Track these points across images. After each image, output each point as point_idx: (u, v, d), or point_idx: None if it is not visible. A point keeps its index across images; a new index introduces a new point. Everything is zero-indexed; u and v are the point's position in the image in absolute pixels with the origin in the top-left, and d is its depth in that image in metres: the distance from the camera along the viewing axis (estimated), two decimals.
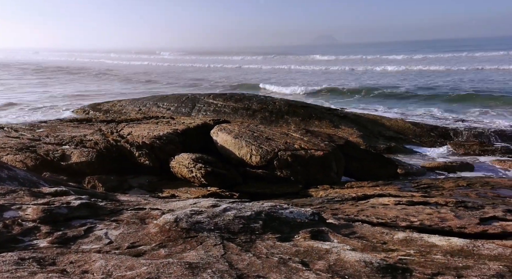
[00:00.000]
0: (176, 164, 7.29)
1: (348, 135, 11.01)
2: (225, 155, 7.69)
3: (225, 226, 2.76)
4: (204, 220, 2.84)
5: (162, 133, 7.99)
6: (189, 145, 8.03)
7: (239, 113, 13.40)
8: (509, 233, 3.45)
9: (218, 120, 9.49)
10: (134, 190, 6.83)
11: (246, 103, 13.72)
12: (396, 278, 1.91)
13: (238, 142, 7.48)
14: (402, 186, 6.56)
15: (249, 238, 2.59)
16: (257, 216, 2.98)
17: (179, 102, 14.87)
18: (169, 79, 35.52)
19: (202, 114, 13.75)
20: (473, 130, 11.46)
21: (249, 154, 7.24)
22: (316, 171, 7.05)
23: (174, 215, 2.90)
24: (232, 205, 3.28)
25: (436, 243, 2.41)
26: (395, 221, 3.86)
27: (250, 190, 6.87)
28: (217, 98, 14.51)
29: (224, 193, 6.52)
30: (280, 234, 2.69)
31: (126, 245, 2.47)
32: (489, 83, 23.41)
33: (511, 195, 5.51)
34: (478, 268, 1.96)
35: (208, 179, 6.90)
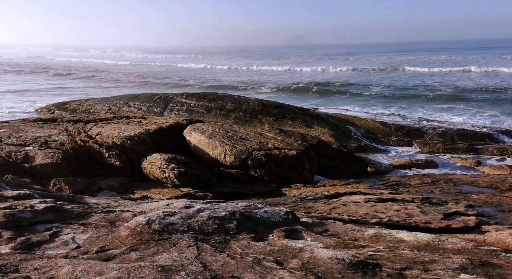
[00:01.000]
0: (148, 165, 7.12)
1: (320, 135, 11.22)
2: (199, 155, 7.61)
3: (199, 227, 2.72)
4: (177, 222, 2.79)
5: (133, 134, 7.78)
6: (162, 145, 7.87)
7: (213, 113, 13.30)
8: (470, 227, 3.65)
9: (192, 120, 9.37)
10: (103, 192, 6.60)
11: (220, 103, 13.64)
12: (367, 273, 1.97)
13: (212, 141, 7.43)
14: (372, 183, 6.77)
15: (224, 238, 2.57)
16: (231, 216, 2.97)
17: (151, 101, 14.54)
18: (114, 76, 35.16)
19: (175, 114, 13.52)
20: (437, 129, 12.03)
21: (223, 154, 7.20)
22: (289, 170, 7.13)
23: (146, 217, 2.83)
24: (206, 205, 3.25)
25: (404, 239, 2.51)
26: (365, 218, 3.98)
27: (224, 190, 6.84)
28: (190, 98, 14.33)
29: (198, 193, 6.45)
30: (254, 234, 2.69)
31: (95, 249, 2.38)
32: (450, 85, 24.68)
33: (472, 191, 5.84)
34: (443, 262, 2.06)
35: (181, 179, 6.80)
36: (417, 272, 1.95)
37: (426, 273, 1.94)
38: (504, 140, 11.37)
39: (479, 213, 4.21)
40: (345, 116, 13.84)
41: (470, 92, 21.00)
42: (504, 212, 4.31)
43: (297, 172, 7.19)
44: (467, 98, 19.15)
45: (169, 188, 6.83)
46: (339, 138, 11.25)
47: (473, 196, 5.47)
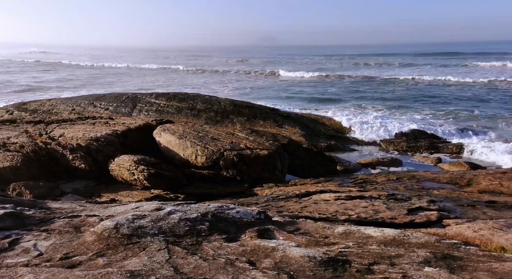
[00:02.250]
0: (116, 167, 6.89)
1: (291, 135, 11.37)
2: (169, 156, 7.46)
3: (170, 230, 2.67)
4: (147, 225, 2.72)
5: (100, 135, 7.49)
6: (130, 146, 7.65)
7: (183, 113, 13.10)
8: (432, 222, 3.85)
9: (161, 121, 9.17)
10: (67, 196, 6.31)
11: (191, 103, 13.46)
12: (337, 270, 2.02)
13: (182, 142, 7.31)
14: (341, 182, 6.95)
15: (195, 240, 2.53)
16: (203, 218, 2.93)
17: (118, 101, 14.08)
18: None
19: (144, 114, 13.18)
20: (401, 129, 12.57)
21: (195, 155, 7.11)
22: (261, 169, 7.17)
23: (114, 221, 2.73)
24: (177, 207, 3.19)
25: (372, 234, 2.59)
26: (335, 215, 4.08)
27: (196, 191, 6.76)
28: (159, 98, 14.02)
29: (169, 195, 6.33)
30: (227, 235, 2.68)
31: (59, 256, 2.27)
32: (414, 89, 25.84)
33: (434, 187, 6.14)
34: (408, 256, 2.15)
35: (151, 181, 6.63)
36: (384, 266, 2.02)
37: (393, 267, 2.02)
38: (462, 138, 12.08)
39: (440, 207, 4.43)
40: (315, 116, 14.12)
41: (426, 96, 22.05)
42: (463, 206, 4.58)
43: (269, 172, 7.24)
44: (421, 100, 20.07)
45: (138, 190, 6.64)
46: (309, 138, 11.45)
47: (435, 191, 5.76)
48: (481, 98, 20.12)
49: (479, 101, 19.29)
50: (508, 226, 3.42)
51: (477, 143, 11.12)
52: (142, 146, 7.89)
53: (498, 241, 2.89)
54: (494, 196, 5.47)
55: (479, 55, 55.33)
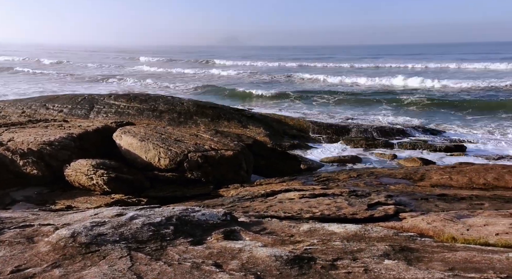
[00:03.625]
0: (72, 172, 6.53)
1: (256, 135, 11.43)
2: (131, 159, 7.20)
3: (132, 236, 2.57)
4: (107, 232, 2.60)
5: (53, 139, 7.06)
6: (88, 150, 7.28)
7: (145, 114, 12.71)
8: (390, 216, 4.04)
9: (122, 123, 8.83)
10: (19, 205, 5.87)
11: (152, 104, 13.08)
12: (303, 267, 2.05)
13: (144, 144, 7.08)
14: (305, 180, 7.10)
15: (160, 245, 2.46)
16: (167, 221, 2.86)
17: (73, 103, 13.36)
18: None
19: (102, 116, 12.61)
20: (360, 127, 13.11)
21: (157, 157, 6.92)
22: (226, 170, 7.13)
23: (71, 229, 2.59)
24: (140, 212, 3.08)
25: (335, 231, 2.68)
26: (300, 213, 4.15)
27: (160, 194, 6.58)
28: (119, 99, 13.49)
29: (131, 199, 6.10)
30: (192, 238, 2.63)
31: (9, 269, 2.11)
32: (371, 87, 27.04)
33: (391, 182, 6.47)
34: (369, 250, 2.24)
35: (111, 185, 6.36)
36: (347, 261, 2.09)
37: (355, 261, 2.10)
38: (415, 135, 12.82)
39: (396, 202, 4.67)
40: (278, 116, 14.30)
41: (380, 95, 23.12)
42: (417, 200, 4.85)
43: (234, 172, 7.22)
44: (379, 100, 21.06)
45: (97, 195, 6.35)
46: (273, 138, 11.59)
47: (391, 187, 6.06)
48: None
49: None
50: (458, 217, 3.68)
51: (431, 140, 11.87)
52: (101, 149, 7.54)
53: (449, 232, 3.10)
54: (444, 189, 5.86)
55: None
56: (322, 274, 1.99)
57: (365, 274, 1.95)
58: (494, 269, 1.95)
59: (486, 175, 6.20)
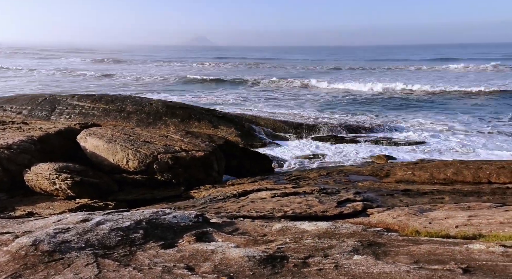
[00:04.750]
0: (33, 176, 6.18)
1: (227, 135, 11.39)
2: (97, 161, 6.93)
3: (99, 242, 2.48)
4: (72, 238, 2.49)
5: (11, 142, 6.65)
6: (50, 154, 6.92)
7: (112, 115, 12.28)
8: (358, 212, 4.17)
9: (86, 124, 8.48)
10: None
11: (119, 105, 12.67)
12: (276, 266, 2.07)
13: (112, 146, 6.84)
14: (276, 179, 7.16)
15: (129, 250, 2.39)
16: (137, 225, 2.78)
17: (33, 104, 12.66)
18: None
19: (65, 118, 12.04)
20: (329, 125, 13.45)
21: (126, 159, 6.71)
22: (198, 171, 7.04)
23: (32, 237, 2.45)
24: (107, 216, 2.97)
25: (307, 229, 2.72)
26: (272, 212, 4.19)
27: (129, 197, 6.38)
28: (83, 100, 12.94)
29: (97, 203, 5.87)
30: (163, 241, 2.57)
31: None
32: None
33: (359, 179, 6.67)
34: (339, 246, 2.30)
35: (76, 190, 6.09)
36: (318, 259, 2.14)
37: (326, 258, 2.15)
38: (381, 132, 13.33)
39: (364, 198, 4.83)
40: (250, 116, 14.33)
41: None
42: (383, 196, 5.04)
43: (205, 173, 7.14)
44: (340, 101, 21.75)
45: (61, 200, 6.05)
46: (245, 138, 11.60)
47: (359, 183, 6.26)
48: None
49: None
50: (420, 211, 3.86)
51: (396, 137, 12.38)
52: (64, 152, 7.20)
53: (413, 225, 3.25)
54: (408, 184, 6.13)
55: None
56: (294, 272, 2.02)
57: (336, 270, 2.00)
58: (455, 260, 2.06)
59: (446, 170, 6.56)
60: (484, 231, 2.96)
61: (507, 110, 17.73)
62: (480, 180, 6.22)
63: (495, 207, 3.93)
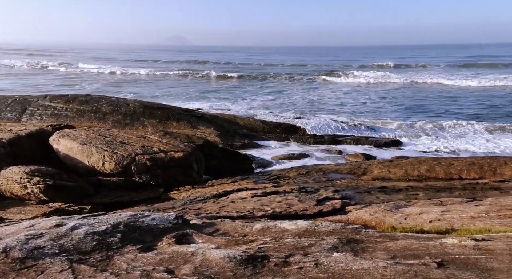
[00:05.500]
0: (3, 181, 5.91)
1: (206, 135, 11.31)
2: (71, 164, 6.71)
3: (74, 247, 2.40)
4: (45, 244, 2.40)
5: None
6: (21, 157, 6.64)
7: (86, 116, 11.92)
8: (337, 210, 4.25)
9: (59, 126, 8.20)
10: None
11: (94, 106, 12.31)
12: (256, 266, 2.08)
13: (86, 148, 6.64)
14: (256, 179, 7.17)
15: (106, 255, 2.33)
16: (114, 229, 2.71)
17: (2, 105, 12.10)
18: None
19: (36, 119, 11.58)
20: (308, 125, 13.62)
21: (102, 161, 6.53)
22: (177, 172, 6.95)
23: (2, 244, 2.34)
24: (82, 220, 2.88)
25: (287, 228, 2.74)
26: (252, 212, 4.19)
27: (105, 200, 6.21)
28: (55, 101, 12.49)
29: (72, 207, 5.68)
30: (142, 244, 2.52)
31: None
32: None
33: (337, 178, 6.79)
34: (319, 244, 2.34)
35: (49, 193, 5.87)
36: (299, 257, 2.16)
37: (306, 257, 2.17)
38: (358, 131, 13.63)
39: (343, 196, 4.92)
40: (229, 116, 14.29)
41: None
42: (361, 193, 5.16)
43: (185, 174, 7.06)
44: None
45: (33, 205, 5.81)
46: (224, 138, 11.55)
47: (338, 182, 6.37)
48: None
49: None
50: (396, 207, 3.98)
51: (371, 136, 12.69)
52: (37, 155, 6.93)
53: (389, 222, 3.34)
54: (384, 182, 6.30)
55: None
56: (275, 272, 2.03)
57: (316, 268, 2.02)
58: (430, 254, 2.13)
59: (420, 167, 6.78)
60: (456, 226, 3.09)
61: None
62: (452, 176, 6.48)
63: (466, 202, 4.10)
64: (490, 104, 19.97)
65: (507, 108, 18.66)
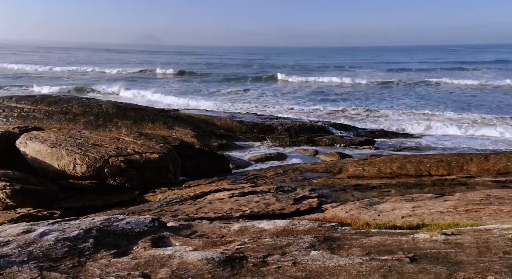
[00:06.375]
0: None
1: (182, 136, 11.15)
2: (40, 168, 6.42)
3: (44, 254, 2.30)
4: (13, 252, 2.28)
5: None
6: None
7: (56, 118, 11.45)
8: (314, 208, 4.31)
9: (27, 128, 7.83)
10: None
11: (64, 107, 11.85)
12: (235, 267, 2.07)
13: (56, 151, 6.38)
14: (234, 179, 7.15)
15: (78, 261, 2.24)
16: (86, 234, 2.62)
17: None
18: None
19: (1, 121, 11.01)
20: (284, 125, 13.72)
21: (73, 164, 6.29)
22: (153, 174, 6.81)
23: None
24: (52, 226, 2.77)
25: (265, 228, 2.75)
26: (230, 213, 4.18)
27: (77, 205, 6.00)
28: (22, 101, 11.93)
29: (41, 213, 5.45)
30: (116, 249, 2.45)
31: None
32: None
33: (313, 176, 6.89)
34: (297, 243, 2.36)
35: (16, 199, 5.59)
36: (277, 257, 2.17)
37: (284, 256, 2.19)
38: (333, 131, 13.88)
39: (319, 194, 5.00)
40: (205, 116, 14.16)
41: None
42: (336, 191, 5.26)
43: (161, 176, 6.93)
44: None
45: None
46: (201, 138, 11.44)
47: (314, 180, 6.46)
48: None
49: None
50: (370, 204, 4.09)
51: (346, 136, 12.96)
52: (2, 159, 6.59)
53: (364, 218, 3.43)
54: (359, 179, 6.45)
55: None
56: (253, 272, 2.03)
57: (294, 267, 2.04)
58: (403, 250, 2.20)
59: (392, 164, 7.00)
60: (427, 221, 3.21)
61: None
62: (422, 172, 6.73)
63: (436, 197, 4.27)
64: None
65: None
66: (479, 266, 1.92)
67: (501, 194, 4.04)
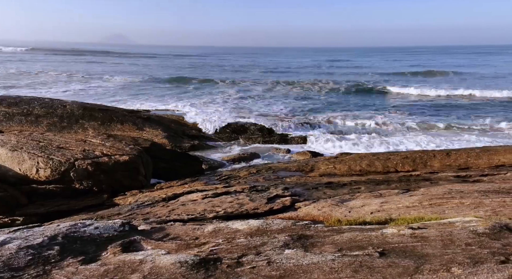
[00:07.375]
0: None
1: (153, 137, 10.91)
2: (0, 173, 6.06)
3: (4, 263, 2.16)
4: None
5: None
6: None
7: (16, 120, 10.83)
8: (287, 207, 4.36)
9: None
10: None
11: (25, 108, 11.24)
12: (209, 269, 2.05)
13: (17, 154, 6.04)
14: (207, 180, 7.09)
15: (42, 270, 2.13)
16: (51, 241, 2.50)
17: None
18: None
19: None
20: (257, 125, 13.78)
21: (35, 168, 5.98)
22: (122, 177, 6.62)
23: None
24: (14, 234, 2.62)
25: (239, 228, 2.75)
26: (203, 214, 4.13)
27: (41, 210, 5.71)
28: None
29: (2, 220, 5.15)
30: (84, 256, 2.35)
31: None
32: None
33: (286, 175, 6.97)
34: (271, 243, 2.37)
35: None
36: (251, 257, 2.17)
37: (259, 256, 2.19)
38: (304, 130, 14.12)
39: (292, 193, 5.06)
40: (177, 117, 13.94)
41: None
42: (309, 189, 5.35)
43: (131, 178, 6.75)
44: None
45: None
46: (172, 139, 11.24)
47: (287, 179, 6.54)
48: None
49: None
50: (341, 201, 4.19)
51: (318, 135, 13.21)
52: None
53: (336, 215, 3.51)
54: (330, 177, 6.60)
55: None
56: (228, 273, 2.02)
57: (268, 267, 2.05)
58: (372, 245, 2.28)
59: (361, 162, 7.22)
60: (394, 215, 3.33)
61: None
62: (389, 169, 6.99)
63: (402, 193, 4.45)
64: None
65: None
66: (444, 258, 2.02)
67: (462, 188, 4.28)
